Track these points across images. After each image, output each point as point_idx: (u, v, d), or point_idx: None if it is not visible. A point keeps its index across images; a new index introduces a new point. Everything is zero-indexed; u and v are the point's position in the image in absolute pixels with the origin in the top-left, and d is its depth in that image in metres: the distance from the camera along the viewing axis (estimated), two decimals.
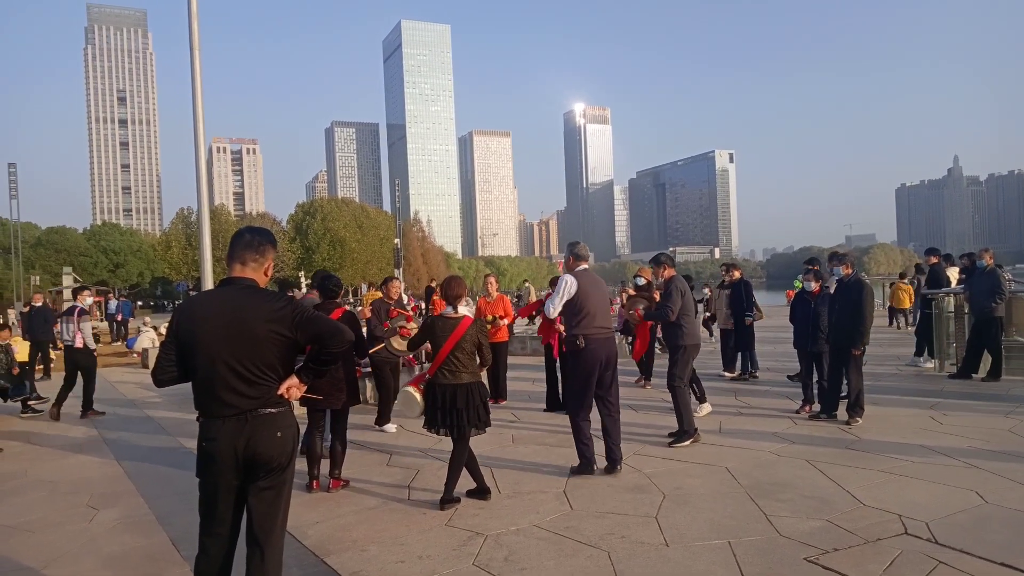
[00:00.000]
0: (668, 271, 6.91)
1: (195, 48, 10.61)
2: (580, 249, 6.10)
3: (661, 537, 4.31)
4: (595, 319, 5.75)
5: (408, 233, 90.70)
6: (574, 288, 5.75)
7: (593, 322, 5.74)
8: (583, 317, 5.73)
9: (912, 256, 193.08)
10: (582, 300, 5.73)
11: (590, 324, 5.72)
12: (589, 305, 5.74)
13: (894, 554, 3.89)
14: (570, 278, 5.81)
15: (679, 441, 6.56)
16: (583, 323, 5.72)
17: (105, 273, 75.22)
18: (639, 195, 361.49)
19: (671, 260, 7.12)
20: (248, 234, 3.06)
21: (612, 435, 5.81)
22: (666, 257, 7.13)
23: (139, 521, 5.10)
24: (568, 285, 5.76)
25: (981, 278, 9.75)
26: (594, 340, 5.71)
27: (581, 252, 6.06)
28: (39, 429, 9.04)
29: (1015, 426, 6.90)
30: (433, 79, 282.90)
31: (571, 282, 5.77)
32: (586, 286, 5.78)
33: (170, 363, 2.95)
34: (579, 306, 5.74)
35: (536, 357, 14.13)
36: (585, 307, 5.72)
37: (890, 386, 9.54)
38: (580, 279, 5.80)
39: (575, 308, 5.75)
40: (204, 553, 2.94)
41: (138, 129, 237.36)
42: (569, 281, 5.78)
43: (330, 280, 6.29)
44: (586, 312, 5.72)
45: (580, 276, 5.85)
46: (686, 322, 6.74)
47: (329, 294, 6.22)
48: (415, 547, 4.30)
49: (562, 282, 5.85)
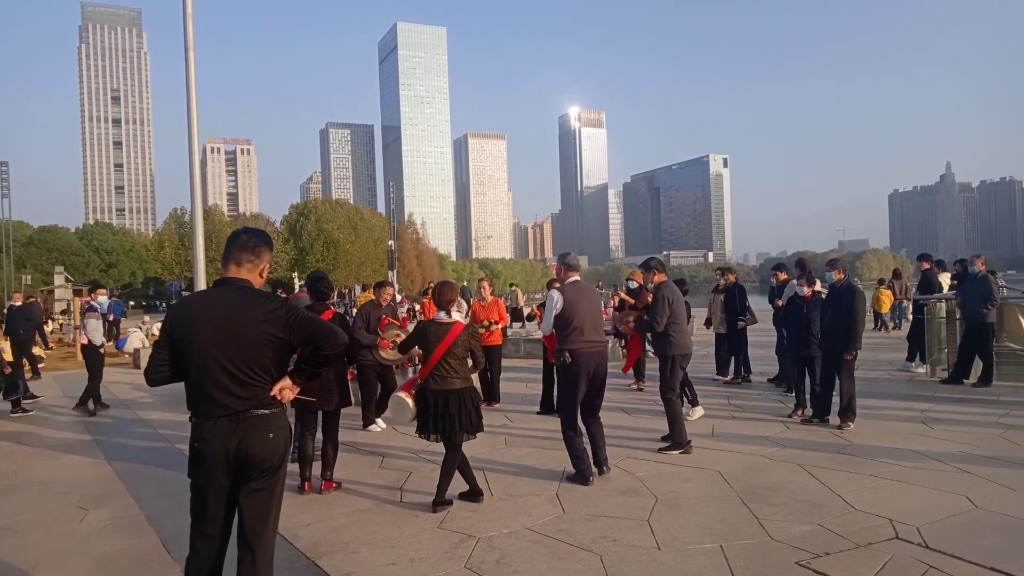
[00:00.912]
0: (658, 276, 6.82)
1: (190, 48, 10.60)
2: (571, 259, 6.16)
3: (653, 540, 4.31)
4: (583, 333, 5.71)
5: (402, 235, 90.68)
6: (560, 304, 5.76)
7: (581, 336, 5.70)
8: (571, 331, 5.71)
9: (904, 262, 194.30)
10: (570, 314, 5.72)
11: (578, 338, 5.69)
12: (577, 319, 5.71)
13: (885, 558, 3.91)
14: (556, 294, 5.83)
15: (669, 449, 6.56)
16: (571, 337, 5.71)
17: (97, 273, 74.73)
18: (633, 199, 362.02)
19: (661, 265, 7.00)
20: (244, 235, 3.05)
21: (596, 440, 5.86)
22: (657, 262, 7.02)
23: (130, 522, 5.08)
24: (555, 301, 5.80)
25: (973, 284, 9.80)
26: (582, 355, 5.69)
27: (572, 263, 6.12)
28: (30, 429, 8.99)
29: (1006, 431, 6.93)
30: (428, 81, 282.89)
31: (557, 298, 5.79)
32: (573, 299, 5.76)
33: (163, 362, 2.94)
34: (567, 320, 5.73)
35: (530, 360, 14.15)
36: (573, 320, 5.70)
37: (882, 391, 9.58)
38: (567, 293, 5.80)
39: (563, 322, 5.75)
40: (195, 554, 2.92)
41: (132, 129, 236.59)
42: (556, 297, 5.81)
43: (321, 282, 6.24)
44: (574, 326, 5.70)
45: (567, 290, 5.84)
46: (675, 331, 6.62)
47: (320, 296, 6.17)
48: (407, 549, 4.29)
49: (549, 299, 5.91)
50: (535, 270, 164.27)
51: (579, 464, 5.66)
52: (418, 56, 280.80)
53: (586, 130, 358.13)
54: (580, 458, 5.66)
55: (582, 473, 5.64)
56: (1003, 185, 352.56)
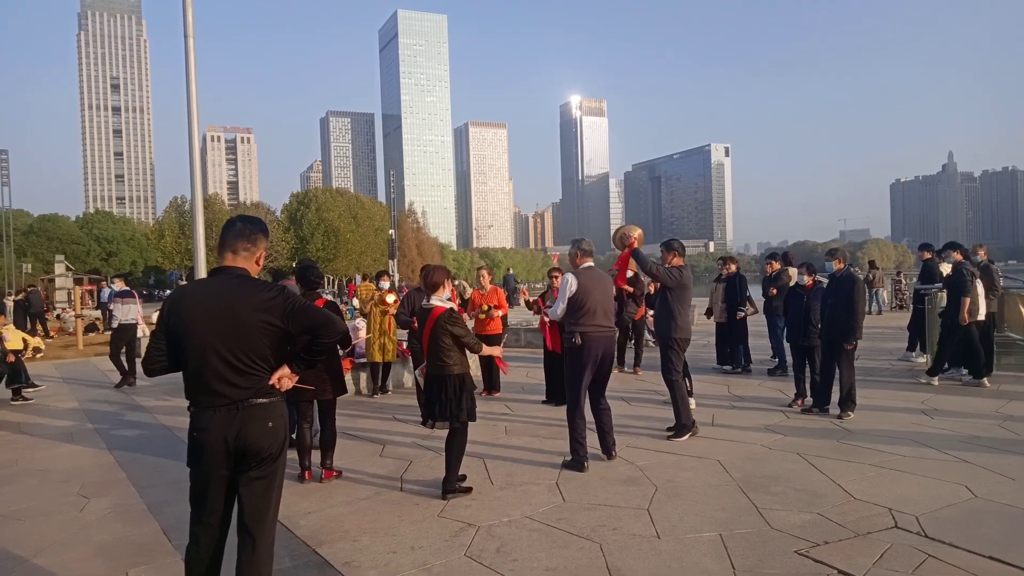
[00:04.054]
0: (676, 259, 6.79)
1: (190, 36, 10.54)
2: (585, 245, 6.22)
3: (653, 529, 4.32)
4: (595, 316, 5.81)
5: (403, 224, 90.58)
6: (575, 287, 5.85)
7: (592, 319, 5.79)
8: (583, 314, 5.80)
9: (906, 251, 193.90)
10: (583, 298, 5.82)
11: (589, 322, 5.78)
12: (590, 302, 5.82)
13: (884, 547, 3.91)
14: (571, 277, 5.91)
15: (678, 435, 6.58)
16: (583, 320, 5.79)
17: (97, 261, 74.83)
18: (634, 188, 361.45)
19: (682, 248, 6.95)
20: (240, 223, 3.03)
21: (605, 426, 5.94)
22: (678, 244, 6.97)
23: (130, 510, 5.09)
24: (569, 284, 5.88)
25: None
26: (592, 338, 5.76)
27: (587, 248, 6.19)
28: (30, 418, 9.00)
29: (1005, 421, 6.94)
30: (429, 69, 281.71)
31: (572, 281, 5.88)
32: (587, 284, 5.86)
33: (160, 352, 2.93)
34: (579, 303, 5.82)
35: (530, 349, 14.15)
36: (586, 304, 5.80)
37: (882, 381, 9.58)
38: (581, 277, 5.90)
39: (575, 305, 5.85)
40: (195, 543, 2.92)
41: (131, 117, 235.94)
42: (570, 280, 5.89)
43: (310, 271, 6.07)
44: (586, 309, 5.80)
45: (582, 274, 5.94)
46: (680, 314, 6.71)
47: (309, 285, 6.00)
48: (407, 538, 4.30)
49: (564, 281, 5.97)
50: (536, 259, 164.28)
51: (577, 450, 5.69)
52: (419, 44, 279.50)
53: (587, 119, 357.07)
54: (580, 443, 5.69)
55: (578, 460, 5.67)
56: (1005, 175, 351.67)
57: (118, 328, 11.75)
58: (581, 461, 5.65)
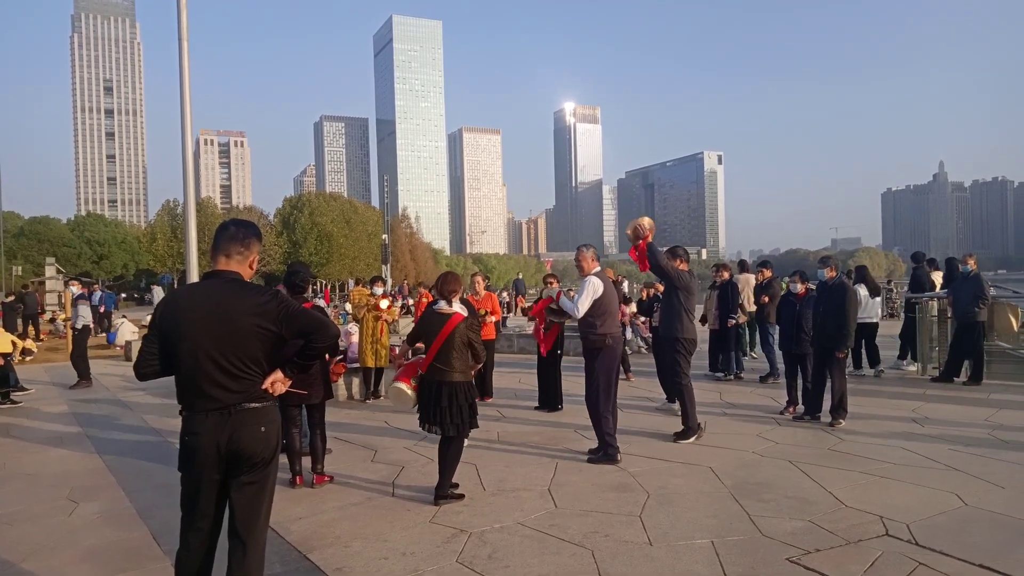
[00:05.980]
0: (682, 265, 7.16)
1: (183, 38, 10.51)
2: (595, 252, 6.40)
3: (645, 536, 4.32)
4: (615, 319, 6.13)
5: (396, 229, 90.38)
6: (600, 289, 6.04)
7: (614, 322, 6.13)
8: (607, 317, 6.05)
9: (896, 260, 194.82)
10: (607, 301, 6.05)
11: (612, 324, 6.08)
12: (612, 306, 6.10)
13: (875, 555, 3.93)
14: (596, 279, 6.10)
15: (684, 438, 6.68)
16: (608, 322, 6.05)
17: (89, 264, 74.28)
18: (627, 195, 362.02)
19: (687, 255, 7.37)
20: (233, 226, 3.02)
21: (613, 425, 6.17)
22: (683, 250, 7.38)
23: (119, 515, 5.05)
24: (595, 285, 6.06)
25: (964, 283, 9.84)
26: (617, 339, 6.10)
27: (596, 254, 6.36)
28: (19, 421, 8.93)
29: (995, 430, 6.97)
30: (423, 75, 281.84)
31: (598, 283, 6.07)
32: (608, 288, 6.11)
33: (152, 356, 2.92)
34: (604, 306, 6.04)
35: (523, 355, 14.15)
36: (609, 307, 6.06)
37: (873, 389, 9.62)
38: (604, 280, 6.12)
39: (600, 308, 6.04)
40: (185, 547, 2.91)
41: (124, 119, 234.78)
42: (596, 282, 6.08)
43: (297, 275, 5.94)
44: (609, 312, 6.07)
45: (602, 277, 6.15)
46: (687, 315, 6.89)
47: (296, 289, 5.86)
48: (399, 544, 4.29)
49: (588, 283, 6.11)
50: (529, 265, 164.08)
51: (611, 443, 5.94)
52: (413, 50, 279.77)
53: (581, 126, 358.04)
54: (612, 436, 5.96)
55: (611, 453, 5.92)
56: (995, 185, 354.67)
57: (82, 329, 12.03)
58: (614, 454, 5.90)
